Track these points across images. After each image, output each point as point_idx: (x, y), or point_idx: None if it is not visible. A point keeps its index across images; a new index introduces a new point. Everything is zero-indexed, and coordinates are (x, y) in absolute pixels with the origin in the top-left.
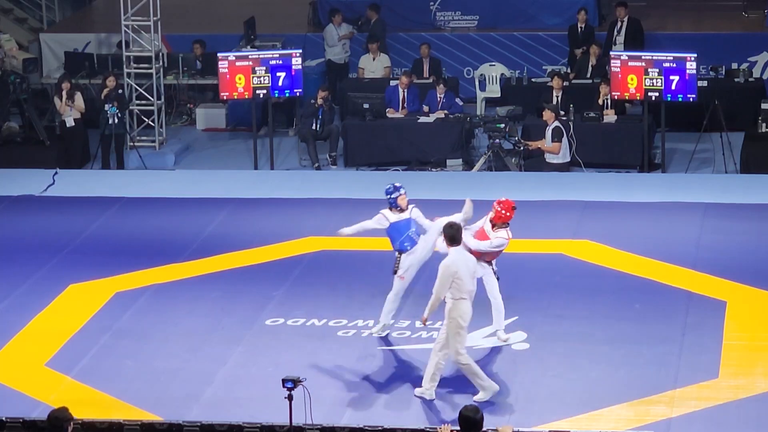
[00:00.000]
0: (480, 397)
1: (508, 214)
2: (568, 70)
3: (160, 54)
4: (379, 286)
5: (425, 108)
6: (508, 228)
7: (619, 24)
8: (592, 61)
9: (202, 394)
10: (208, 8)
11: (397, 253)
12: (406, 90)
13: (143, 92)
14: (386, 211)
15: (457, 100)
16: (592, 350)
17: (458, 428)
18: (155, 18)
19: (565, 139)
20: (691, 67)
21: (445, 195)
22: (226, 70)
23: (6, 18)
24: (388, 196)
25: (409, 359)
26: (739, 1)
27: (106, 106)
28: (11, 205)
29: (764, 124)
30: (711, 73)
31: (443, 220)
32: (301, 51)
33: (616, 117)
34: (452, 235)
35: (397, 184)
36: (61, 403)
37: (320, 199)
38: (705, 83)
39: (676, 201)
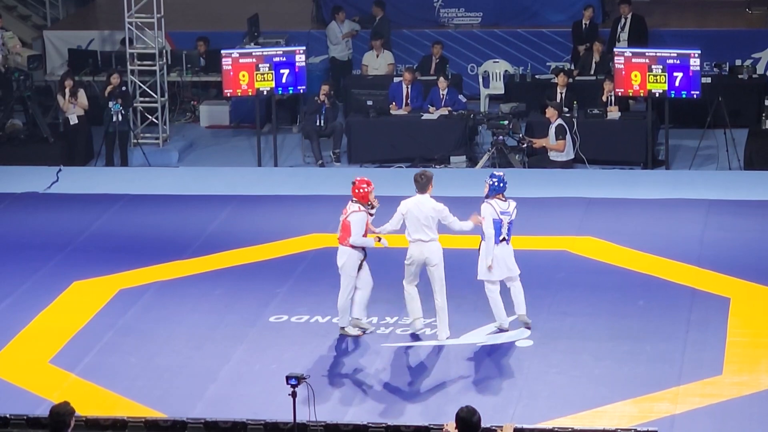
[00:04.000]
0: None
1: (367, 189)
2: (572, 67)
3: (164, 51)
4: (381, 283)
5: (431, 108)
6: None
7: (622, 21)
8: (596, 57)
9: (206, 391)
10: (211, 5)
11: None
12: (409, 86)
13: (147, 89)
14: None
15: (461, 96)
16: (596, 347)
17: None
18: (159, 15)
19: (568, 136)
20: (694, 63)
21: (448, 192)
22: (230, 67)
23: (10, 15)
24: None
25: (412, 356)
26: None
27: (110, 104)
28: (15, 203)
29: None
30: (715, 69)
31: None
32: (304, 48)
33: (619, 114)
34: (420, 183)
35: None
36: (65, 399)
37: (324, 196)
38: (709, 80)
39: (680, 198)
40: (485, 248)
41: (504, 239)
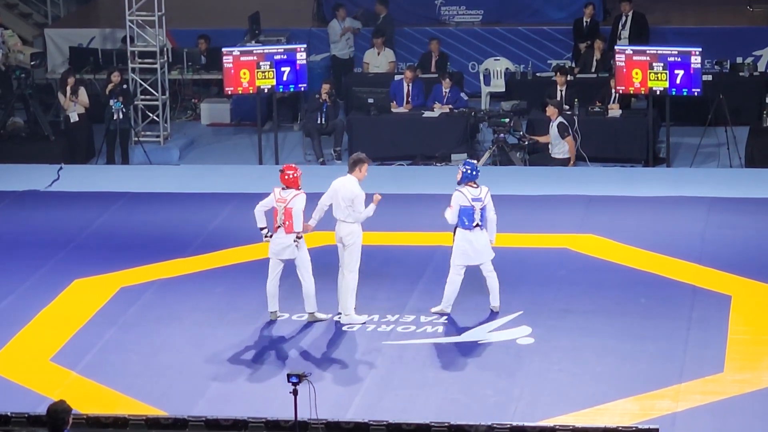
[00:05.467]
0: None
1: (296, 174)
2: (573, 65)
3: (165, 49)
4: (382, 281)
5: (436, 105)
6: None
7: (623, 18)
8: (597, 55)
9: (207, 389)
10: (212, 3)
11: None
12: (410, 84)
13: (148, 87)
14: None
15: (462, 94)
16: (597, 344)
17: None
18: (160, 13)
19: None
20: (695, 61)
21: (449, 189)
22: (231, 65)
23: (11, 13)
24: None
25: (414, 354)
26: None
27: (111, 101)
28: (16, 200)
29: None
30: (716, 67)
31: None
32: (305, 46)
33: (620, 111)
34: (353, 161)
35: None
36: (66, 398)
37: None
38: (710, 77)
39: (681, 195)
40: (459, 234)
41: (477, 225)
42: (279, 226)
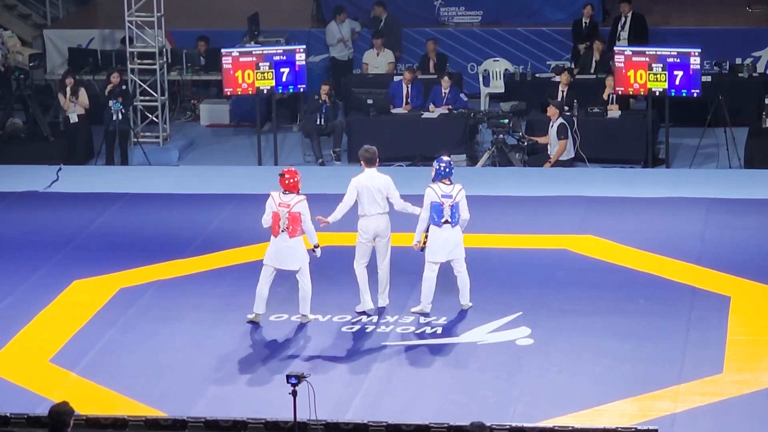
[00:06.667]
0: (359, 307)
1: (296, 178)
2: (572, 66)
3: (164, 50)
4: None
5: (431, 107)
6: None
7: (623, 19)
8: (596, 56)
9: (207, 390)
10: (211, 4)
11: None
12: (409, 85)
13: (147, 88)
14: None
15: (462, 95)
16: (597, 345)
17: None
18: (159, 14)
19: (570, 135)
20: (695, 62)
21: None
22: (230, 66)
23: (10, 14)
24: None
25: (413, 355)
26: None
27: (110, 102)
28: (15, 201)
29: None
30: (715, 68)
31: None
32: (304, 47)
33: (620, 112)
34: (367, 158)
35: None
36: (65, 399)
37: (324, 195)
38: (709, 78)
39: (681, 196)
40: (430, 231)
41: (447, 221)
42: (282, 231)
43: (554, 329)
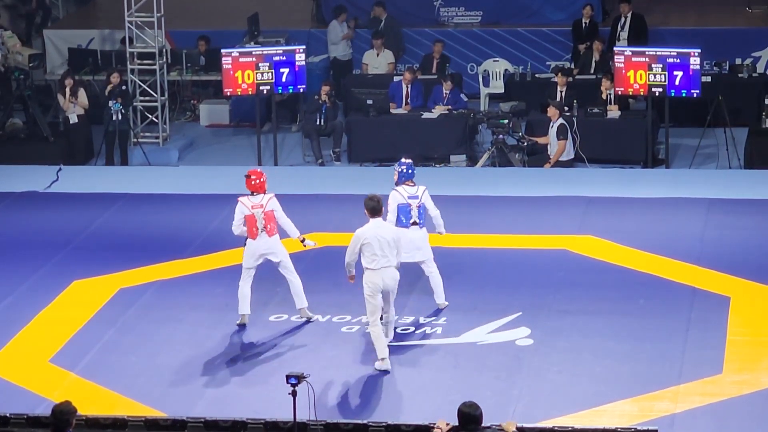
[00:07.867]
0: (377, 365)
1: (262, 179)
2: (572, 66)
3: (164, 50)
4: None
5: (436, 108)
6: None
7: (622, 19)
8: (596, 56)
9: (206, 390)
10: (211, 4)
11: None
12: (409, 86)
13: (147, 88)
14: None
15: (462, 95)
16: (596, 346)
17: (456, 425)
18: (159, 14)
19: (569, 136)
20: (694, 62)
21: (448, 191)
22: (230, 66)
23: (10, 14)
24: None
25: (413, 355)
26: None
27: (110, 103)
28: (15, 202)
29: None
30: (715, 68)
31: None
32: (304, 47)
33: (619, 113)
34: (372, 207)
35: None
36: (65, 399)
37: (324, 195)
38: (709, 78)
39: (680, 196)
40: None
41: (415, 222)
42: (261, 231)
43: (554, 329)
